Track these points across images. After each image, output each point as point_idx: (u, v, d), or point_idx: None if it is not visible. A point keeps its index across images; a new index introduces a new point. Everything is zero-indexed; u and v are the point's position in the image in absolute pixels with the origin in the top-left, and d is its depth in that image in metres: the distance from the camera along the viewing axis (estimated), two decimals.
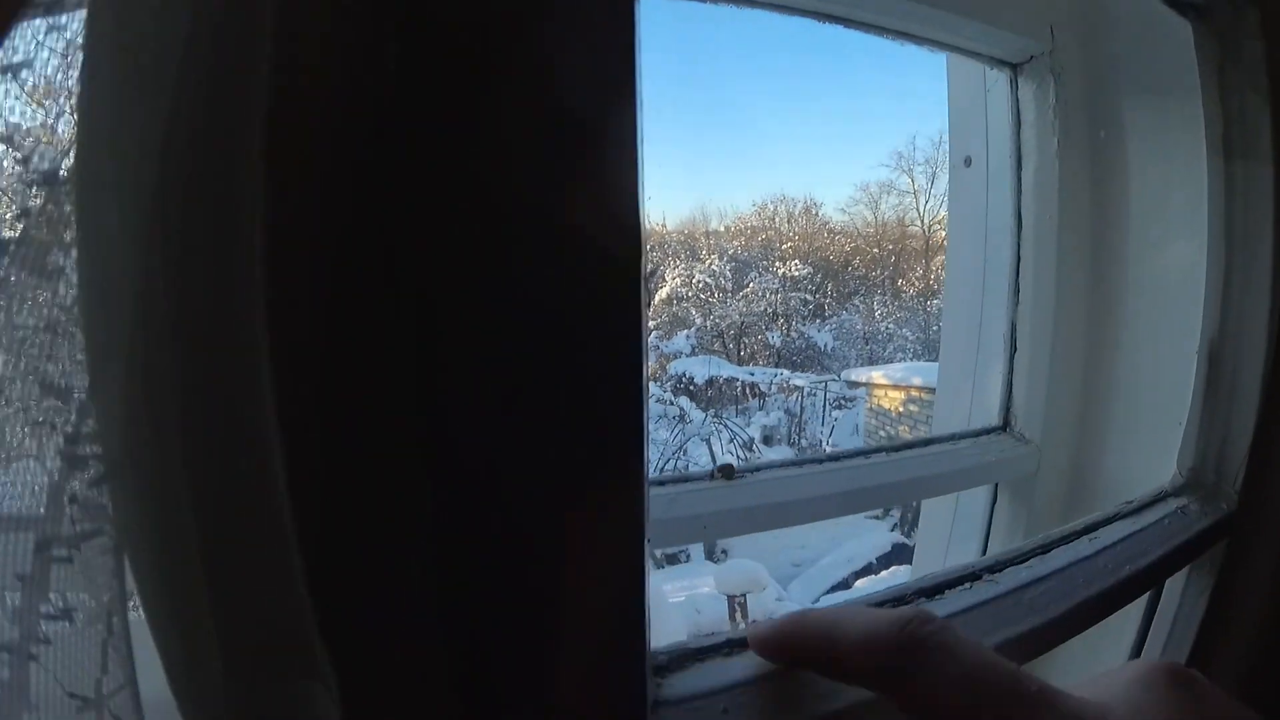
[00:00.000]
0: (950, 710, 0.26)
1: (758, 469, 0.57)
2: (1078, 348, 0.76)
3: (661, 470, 7.23)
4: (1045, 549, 0.46)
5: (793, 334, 11.40)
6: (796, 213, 15.17)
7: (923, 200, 15.00)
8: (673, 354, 9.90)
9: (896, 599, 0.38)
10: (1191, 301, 0.64)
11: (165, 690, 0.20)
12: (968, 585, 0.41)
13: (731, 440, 8.23)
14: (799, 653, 0.32)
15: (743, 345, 11.36)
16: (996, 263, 0.78)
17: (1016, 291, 0.76)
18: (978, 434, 0.76)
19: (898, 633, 0.28)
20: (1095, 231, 0.74)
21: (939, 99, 0.82)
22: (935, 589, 0.40)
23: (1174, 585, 0.64)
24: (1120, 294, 0.73)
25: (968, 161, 0.78)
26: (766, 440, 9.30)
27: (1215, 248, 0.61)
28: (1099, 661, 0.70)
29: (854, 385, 9.78)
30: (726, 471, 0.55)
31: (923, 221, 14.85)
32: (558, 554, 0.24)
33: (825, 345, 11.06)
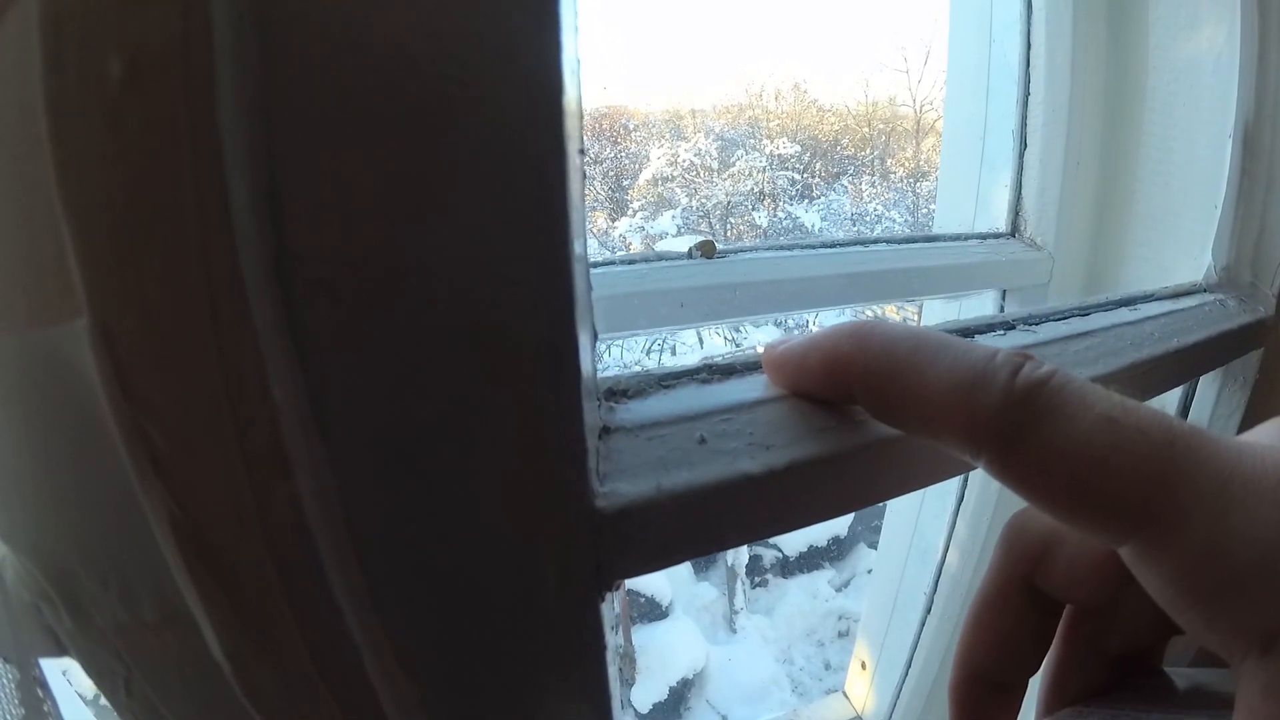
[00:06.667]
0: (1072, 470, 0.18)
1: (741, 250, 0.49)
2: (1094, 142, 0.68)
3: (649, 352, 7.21)
4: (1083, 311, 0.39)
5: (780, 214, 11.15)
6: (785, 89, 14.66)
7: (914, 79, 14.51)
8: (658, 235, 9.69)
9: None
10: (1224, 86, 0.56)
11: None
12: (1001, 332, 0.34)
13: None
14: (858, 382, 0.22)
15: (729, 226, 11.12)
16: (1004, 47, 0.69)
17: (1027, 82, 0.67)
18: (983, 237, 0.69)
19: (1009, 377, 0.19)
20: (1113, 16, 0.65)
21: None
22: (962, 333, 0.32)
23: (1203, 404, 0.59)
24: (1142, 81, 0.65)
25: None
26: (754, 323, 9.26)
27: (1248, 19, 0.53)
28: None
29: None
30: (707, 249, 0.47)
31: (914, 101, 14.41)
32: None
33: (813, 226, 10.83)
